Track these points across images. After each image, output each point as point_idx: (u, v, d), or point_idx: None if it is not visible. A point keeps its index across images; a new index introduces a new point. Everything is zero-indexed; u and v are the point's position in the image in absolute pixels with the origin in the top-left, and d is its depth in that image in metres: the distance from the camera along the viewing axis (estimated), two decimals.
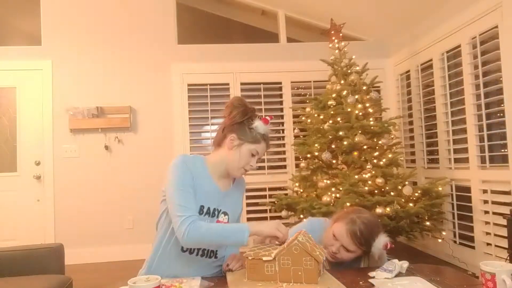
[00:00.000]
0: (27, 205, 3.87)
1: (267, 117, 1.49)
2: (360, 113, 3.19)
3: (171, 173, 1.39)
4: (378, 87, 3.83)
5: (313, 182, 3.26)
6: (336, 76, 3.42)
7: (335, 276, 1.26)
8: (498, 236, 2.76)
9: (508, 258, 2.44)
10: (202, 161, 1.48)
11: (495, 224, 2.80)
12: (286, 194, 3.55)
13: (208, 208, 1.43)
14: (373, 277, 1.24)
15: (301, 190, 3.35)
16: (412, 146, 3.87)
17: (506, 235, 2.50)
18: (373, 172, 2.97)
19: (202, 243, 1.37)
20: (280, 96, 4.24)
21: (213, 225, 1.37)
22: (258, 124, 1.44)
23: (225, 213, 1.48)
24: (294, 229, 1.56)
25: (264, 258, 1.21)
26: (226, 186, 1.52)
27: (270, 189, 4.02)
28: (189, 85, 4.12)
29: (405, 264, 1.33)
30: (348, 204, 2.73)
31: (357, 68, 3.40)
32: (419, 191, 2.99)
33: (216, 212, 1.45)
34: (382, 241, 1.43)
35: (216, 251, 1.49)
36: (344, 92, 3.22)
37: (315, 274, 1.19)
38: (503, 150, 2.79)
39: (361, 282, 1.21)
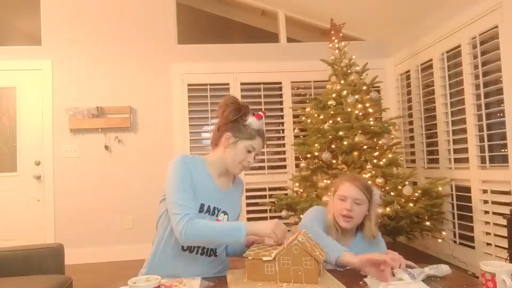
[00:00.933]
0: (27, 205, 3.87)
1: (260, 113, 1.50)
2: (360, 113, 3.19)
3: (171, 172, 1.41)
4: (378, 87, 3.83)
5: (313, 182, 3.26)
6: (336, 76, 3.42)
7: (335, 276, 1.26)
8: (498, 236, 2.76)
9: (508, 258, 2.44)
10: (201, 161, 1.50)
11: (495, 224, 2.80)
12: (286, 194, 3.55)
13: (209, 206, 1.44)
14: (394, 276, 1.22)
15: (301, 190, 3.35)
16: (412, 146, 3.87)
17: (506, 235, 2.50)
18: (373, 172, 2.97)
19: (199, 240, 1.37)
20: (280, 96, 4.24)
21: (211, 223, 1.37)
22: (251, 120, 1.46)
23: (225, 213, 1.49)
24: (308, 218, 1.63)
25: (264, 258, 1.21)
26: (226, 186, 1.53)
27: (270, 189, 4.02)
28: (189, 85, 4.12)
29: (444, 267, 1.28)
30: None
31: (357, 68, 3.40)
32: (419, 191, 2.99)
33: (216, 211, 1.46)
34: (376, 191, 1.63)
35: (216, 249, 1.49)
36: (344, 92, 3.22)
37: (315, 274, 1.19)
38: (503, 150, 2.79)
39: (361, 282, 1.21)
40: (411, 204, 2.88)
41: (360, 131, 3.04)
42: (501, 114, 2.76)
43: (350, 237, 1.63)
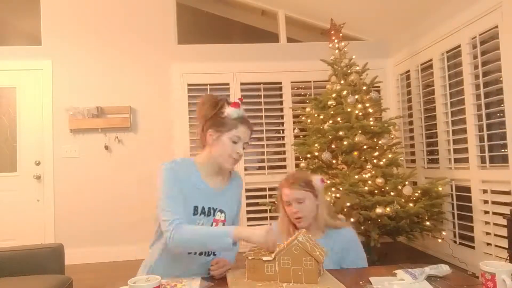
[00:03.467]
0: (27, 205, 3.87)
1: (236, 100, 1.49)
2: (360, 113, 3.19)
3: (158, 180, 1.42)
4: (378, 87, 3.83)
5: None
6: (336, 76, 3.42)
7: (335, 276, 1.26)
8: (498, 236, 2.76)
9: (508, 258, 2.43)
10: (191, 163, 1.49)
11: (495, 224, 2.80)
12: None
13: (203, 208, 1.44)
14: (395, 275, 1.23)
15: None
16: (412, 146, 3.86)
17: (506, 235, 2.49)
18: (373, 172, 2.97)
19: (188, 246, 1.36)
20: (280, 96, 4.24)
21: (199, 228, 1.36)
22: (229, 111, 1.45)
23: (222, 211, 1.48)
24: None
25: (264, 258, 1.21)
26: (220, 185, 1.52)
27: (270, 189, 4.01)
28: (189, 85, 4.12)
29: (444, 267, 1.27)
30: (348, 204, 2.74)
31: (357, 68, 3.40)
32: (419, 191, 2.99)
33: (212, 211, 1.46)
34: (317, 177, 1.64)
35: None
36: (344, 92, 3.22)
37: (315, 274, 1.19)
38: (503, 150, 2.79)
39: (361, 282, 1.21)
40: (411, 204, 2.88)
41: (360, 131, 3.04)
42: (501, 114, 2.75)
43: (319, 236, 1.58)
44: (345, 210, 2.77)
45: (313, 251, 1.20)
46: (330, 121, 3.18)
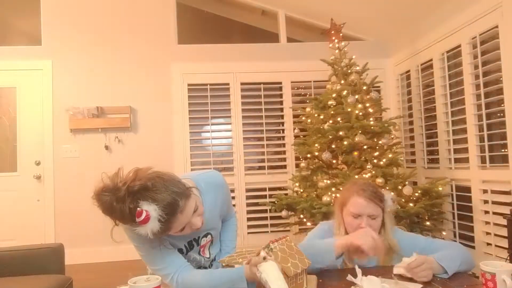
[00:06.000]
0: (27, 205, 3.87)
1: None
2: (360, 113, 3.18)
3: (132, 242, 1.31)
4: (378, 87, 3.83)
5: (313, 182, 3.26)
6: (336, 76, 3.42)
7: (336, 276, 1.24)
8: (498, 236, 2.76)
9: (508, 258, 2.43)
10: None
11: (495, 224, 2.80)
12: (286, 194, 3.55)
13: (185, 246, 1.35)
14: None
15: (301, 190, 3.35)
16: (412, 146, 3.86)
17: (506, 235, 2.49)
18: (373, 172, 2.96)
19: None
20: (280, 96, 4.24)
21: (206, 275, 1.26)
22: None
23: (206, 234, 1.40)
24: (311, 235, 1.54)
25: (236, 266, 1.14)
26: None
27: (270, 189, 4.02)
28: (189, 85, 4.12)
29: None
30: None
31: (357, 68, 3.40)
32: (419, 191, 2.99)
33: (197, 241, 1.38)
34: (389, 195, 1.47)
35: (213, 259, 1.46)
36: (344, 92, 3.22)
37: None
38: (503, 150, 2.79)
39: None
40: (411, 204, 2.88)
41: (360, 131, 3.03)
42: (501, 114, 2.75)
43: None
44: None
45: (285, 261, 1.06)
46: (330, 121, 3.18)
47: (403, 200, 2.90)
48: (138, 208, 1.05)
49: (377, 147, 3.17)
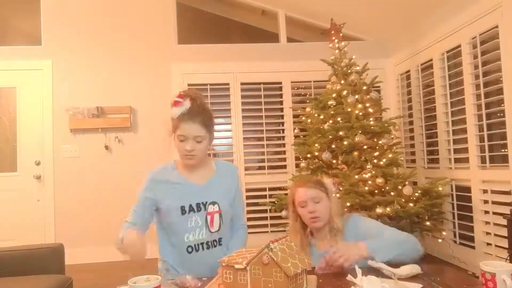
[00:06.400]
0: (27, 205, 3.87)
1: (176, 99, 1.49)
2: (360, 113, 3.18)
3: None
4: (378, 87, 3.83)
5: None
6: (336, 76, 3.42)
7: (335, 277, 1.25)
8: (498, 236, 2.76)
9: (508, 258, 2.43)
10: (171, 166, 1.59)
11: (495, 224, 2.80)
12: (286, 194, 3.55)
13: (190, 206, 1.49)
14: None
15: None
16: (412, 146, 3.86)
17: (506, 235, 2.49)
18: (373, 172, 2.96)
19: None
20: (280, 96, 4.24)
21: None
22: (172, 112, 1.49)
23: (214, 203, 1.53)
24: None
25: (236, 266, 1.12)
26: (204, 177, 1.57)
27: (270, 189, 4.01)
28: (189, 85, 4.11)
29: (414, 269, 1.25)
30: (348, 204, 2.73)
31: (357, 68, 3.40)
32: (419, 191, 2.99)
33: (201, 206, 1.51)
34: (328, 179, 1.67)
35: (220, 238, 1.54)
36: (344, 92, 3.22)
37: (285, 287, 1.05)
38: (503, 150, 2.79)
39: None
40: (411, 204, 2.88)
41: (360, 131, 3.03)
42: (501, 114, 2.75)
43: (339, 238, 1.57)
44: (345, 210, 2.76)
45: (285, 261, 1.06)
46: (330, 121, 3.18)
47: (403, 200, 2.90)
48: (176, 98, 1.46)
49: (377, 147, 3.17)
